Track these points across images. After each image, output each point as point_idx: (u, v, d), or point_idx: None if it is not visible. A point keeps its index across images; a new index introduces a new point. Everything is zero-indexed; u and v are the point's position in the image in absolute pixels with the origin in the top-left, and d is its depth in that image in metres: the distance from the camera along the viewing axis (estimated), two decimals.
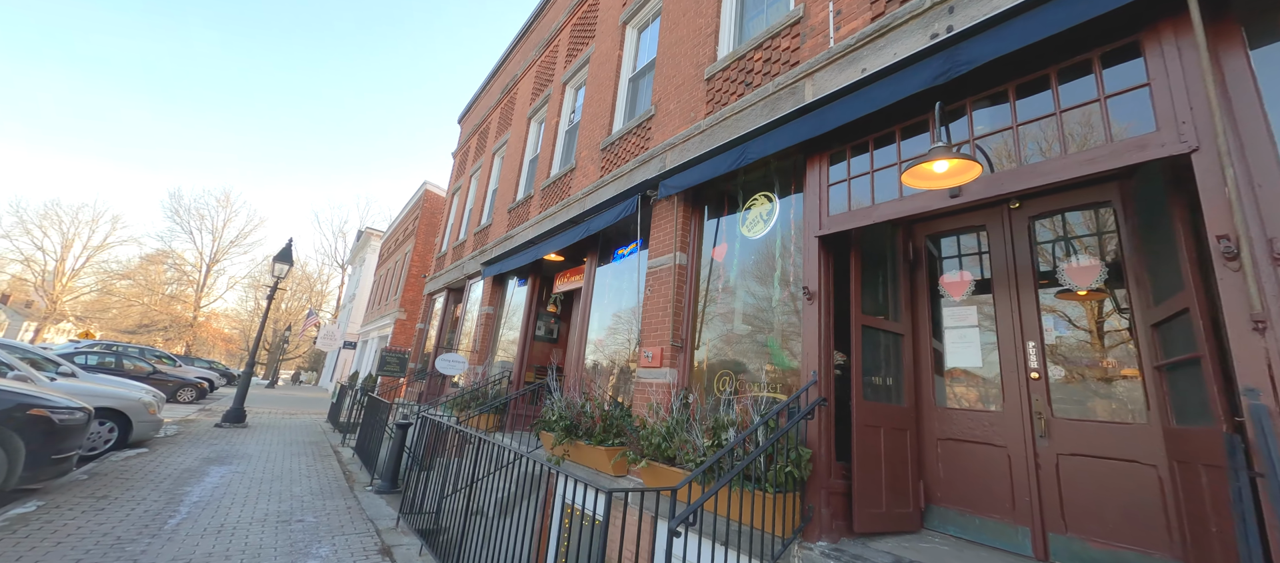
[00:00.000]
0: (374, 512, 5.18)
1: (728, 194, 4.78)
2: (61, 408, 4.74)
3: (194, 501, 4.91)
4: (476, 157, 13.48)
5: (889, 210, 3.12)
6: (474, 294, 10.80)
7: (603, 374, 6.02)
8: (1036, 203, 3.32)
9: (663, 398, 4.34)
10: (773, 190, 4.32)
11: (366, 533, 4.52)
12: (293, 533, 4.33)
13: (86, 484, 4.97)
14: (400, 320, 18.66)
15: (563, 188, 7.68)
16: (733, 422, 3.34)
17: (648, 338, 4.81)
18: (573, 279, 7.87)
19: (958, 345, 3.53)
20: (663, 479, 3.63)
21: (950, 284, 3.65)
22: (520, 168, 10.03)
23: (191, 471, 6.08)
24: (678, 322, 4.60)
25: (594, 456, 4.47)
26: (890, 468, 3.28)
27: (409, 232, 21.07)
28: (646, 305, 4.95)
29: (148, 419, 7.07)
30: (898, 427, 3.41)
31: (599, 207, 6.17)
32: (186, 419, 10.55)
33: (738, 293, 4.36)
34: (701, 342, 4.55)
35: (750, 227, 4.41)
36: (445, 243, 14.18)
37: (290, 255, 11.17)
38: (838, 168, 3.59)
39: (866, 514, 3.10)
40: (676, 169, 4.84)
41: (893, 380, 3.55)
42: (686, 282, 4.75)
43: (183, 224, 43.27)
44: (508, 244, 8.97)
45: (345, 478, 6.60)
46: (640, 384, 4.71)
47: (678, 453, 3.55)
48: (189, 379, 15.26)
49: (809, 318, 3.41)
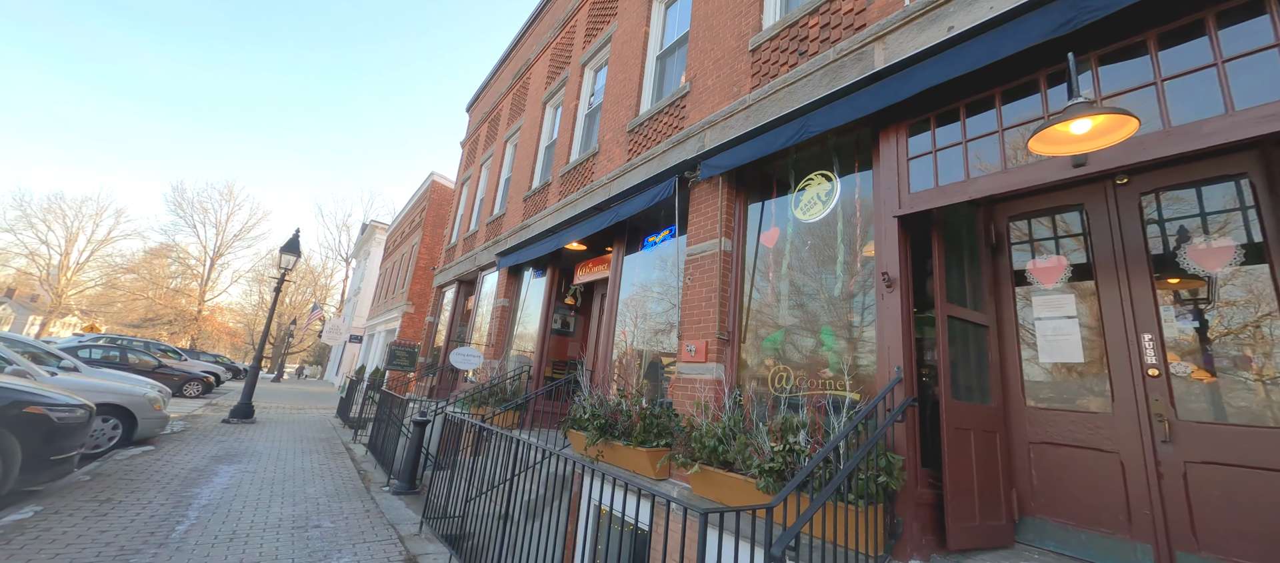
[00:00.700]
0: (394, 516, 4.86)
1: (777, 175, 4.40)
2: (61, 405, 4.42)
3: (203, 504, 4.60)
4: (487, 145, 13.10)
5: (990, 185, 2.74)
6: (487, 286, 10.46)
7: (632, 369, 5.67)
8: (1148, 177, 2.94)
9: (710, 395, 3.98)
10: (831, 169, 3.94)
11: (388, 540, 4.20)
12: (310, 541, 4.01)
13: (89, 486, 4.66)
14: (408, 314, 18.36)
15: (585, 173, 7.31)
16: (802, 423, 2.99)
17: (689, 330, 4.45)
18: (596, 269, 7.51)
19: (1052, 338, 3.16)
20: (718, 486, 3.29)
21: (1041, 270, 3.27)
22: (535, 154, 9.64)
23: (199, 470, 5.78)
24: (724, 313, 4.24)
25: (633, 457, 4.13)
26: (981, 476, 2.92)
27: (416, 223, 20.73)
28: (687, 295, 4.59)
29: (153, 416, 6.77)
30: (987, 429, 3.05)
31: (628, 192, 5.80)
32: (193, 415, 10.28)
33: (791, 281, 3.99)
34: (749, 334, 4.19)
35: (805, 209, 4.03)
36: (455, 234, 13.83)
37: (298, 247, 10.85)
38: (919, 139, 3.21)
39: (960, 529, 2.75)
40: (720, 148, 4.46)
41: (977, 378, 3.19)
42: (732, 269, 4.39)
43: (186, 217, 42.96)
44: (524, 234, 8.61)
45: (360, 478, 6.29)
46: (681, 380, 4.36)
47: (737, 457, 3.20)
48: (195, 374, 15.01)
49: (889, 307, 3.05)
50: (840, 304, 3.60)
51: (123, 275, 42.34)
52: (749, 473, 3.09)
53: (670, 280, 5.36)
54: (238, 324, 46.96)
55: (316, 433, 9.59)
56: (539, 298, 8.36)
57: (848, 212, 3.72)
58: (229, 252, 44.32)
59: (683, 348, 4.42)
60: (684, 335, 4.50)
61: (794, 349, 3.81)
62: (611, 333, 5.94)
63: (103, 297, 42.79)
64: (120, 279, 42.22)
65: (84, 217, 44.22)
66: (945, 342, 2.98)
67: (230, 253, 44.54)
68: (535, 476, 5.04)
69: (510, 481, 4.25)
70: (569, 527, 5.07)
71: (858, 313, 3.49)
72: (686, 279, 4.67)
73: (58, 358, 7.83)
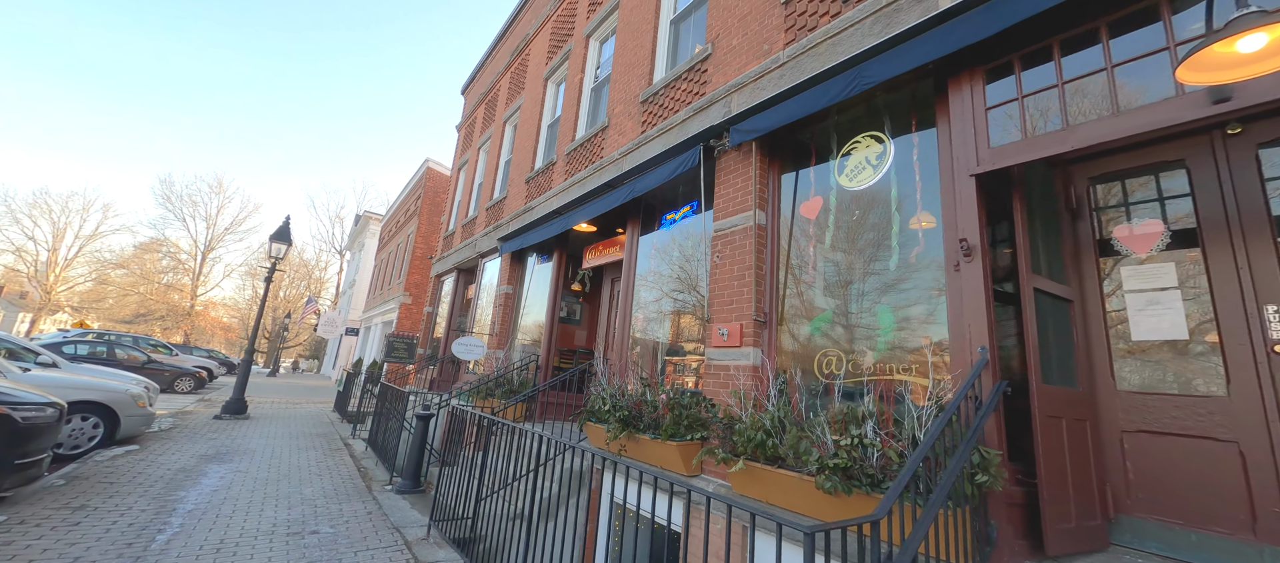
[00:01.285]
0: (399, 518, 4.48)
1: (816, 140, 3.98)
2: (25, 404, 4.00)
3: (188, 509, 4.20)
4: (485, 127, 12.57)
5: (1100, 132, 2.34)
6: (488, 274, 10.03)
7: (649, 356, 5.29)
8: (1268, 125, 2.54)
9: (748, 383, 3.60)
10: (881, 130, 3.52)
11: (394, 546, 3.82)
12: (307, 549, 3.63)
13: (62, 492, 4.25)
14: (405, 305, 17.91)
15: (593, 150, 6.85)
16: (869, 413, 2.60)
17: (720, 313, 4.05)
18: (606, 252, 7.09)
19: (1147, 313, 2.78)
20: (767, 484, 2.91)
21: (1132, 237, 2.88)
22: (537, 134, 9.16)
23: (187, 471, 5.37)
24: (760, 292, 3.85)
25: (661, 452, 3.75)
26: (1075, 470, 2.56)
27: (411, 212, 20.18)
28: (716, 275, 4.19)
29: (137, 413, 6.35)
30: (1077, 417, 2.68)
31: (644, 166, 5.36)
32: (183, 411, 9.85)
33: (836, 255, 3.59)
34: (788, 315, 3.80)
35: (851, 175, 3.62)
36: (453, 221, 13.34)
37: (288, 234, 10.35)
38: (1000, 86, 2.79)
39: (1058, 531, 2.39)
40: (752, 111, 4.03)
41: (1061, 359, 2.81)
42: (767, 245, 3.98)
43: (175, 211, 42.14)
44: (527, 217, 8.16)
45: (361, 476, 5.91)
46: (712, 367, 3.97)
47: (790, 452, 2.82)
48: (186, 369, 14.55)
49: (968, 279, 2.65)
50: (896, 279, 3.20)
51: (113, 271, 41.59)
52: (806, 470, 2.71)
53: (693, 260, 4.96)
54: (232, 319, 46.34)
55: (313, 428, 9.20)
56: (545, 284, 7.94)
57: (903, 176, 3.31)
58: (220, 245, 43.59)
59: (713, 332, 4.03)
60: (714, 318, 4.10)
61: (842, 330, 3.42)
62: (628, 319, 5.54)
63: (94, 293, 42.03)
64: (111, 275, 41.47)
65: (71, 212, 43.26)
66: (1033, 317, 2.60)
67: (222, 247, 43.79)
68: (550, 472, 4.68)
69: (529, 476, 3.88)
70: (589, 527, 4.72)
71: (918, 288, 3.09)
72: (715, 257, 4.26)
73: (35, 354, 7.37)
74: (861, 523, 1.51)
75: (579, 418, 4.83)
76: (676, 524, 3.91)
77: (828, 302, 3.57)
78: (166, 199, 42.03)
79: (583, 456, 4.15)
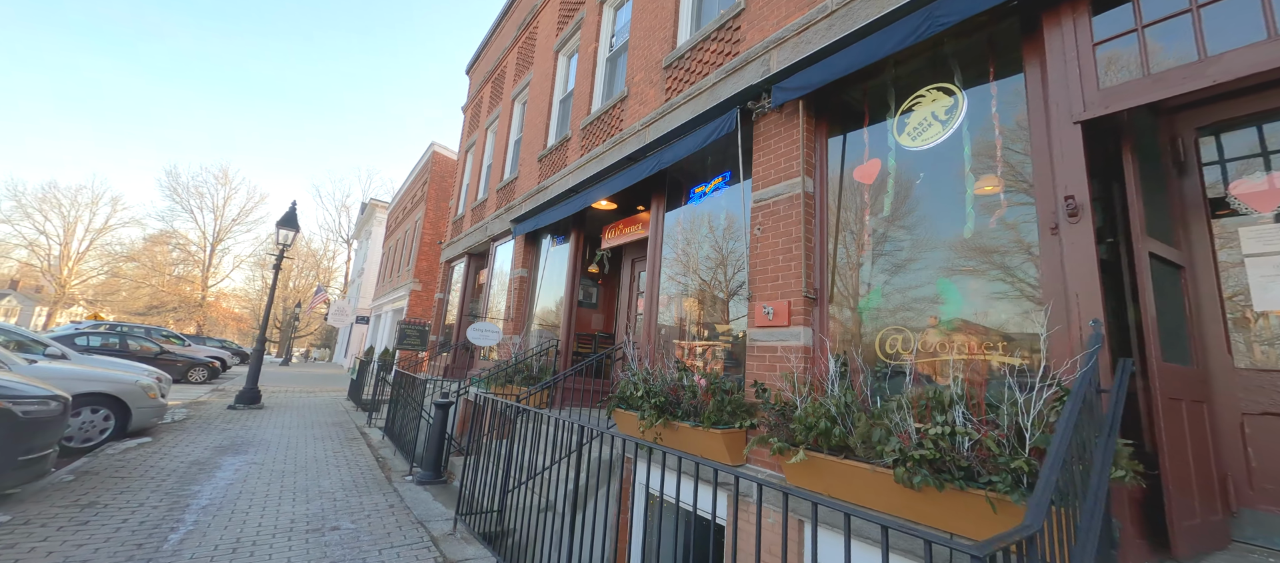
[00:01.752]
0: (422, 511, 4.26)
1: (869, 97, 3.59)
2: (27, 397, 3.78)
3: (202, 505, 4.00)
4: (492, 106, 12.16)
5: (1254, 60, 1.95)
6: (501, 257, 9.74)
7: (678, 339, 4.99)
8: None
9: (799, 365, 3.29)
10: (951, 80, 3.13)
11: (420, 543, 3.59)
12: (328, 547, 3.41)
13: (70, 488, 4.07)
14: (415, 292, 17.74)
15: (611, 123, 6.47)
16: (958, 397, 2.29)
17: (763, 290, 3.73)
18: (627, 231, 6.76)
19: (1275, 280, 2.42)
20: (831, 476, 2.62)
21: (1252, 194, 2.51)
22: (549, 110, 8.76)
23: (201, 463, 5.19)
24: (809, 266, 3.51)
25: (703, 441, 3.47)
26: (1196, 460, 2.24)
27: (418, 198, 19.89)
28: (758, 249, 3.86)
29: (148, 404, 6.18)
30: (1195, 399, 2.35)
31: (671, 135, 5.00)
32: (197, 401, 9.75)
33: (898, 224, 3.24)
34: (840, 292, 3.46)
35: (914, 134, 3.24)
36: (462, 205, 13.03)
37: (295, 220, 10.10)
38: (1111, 16, 2.40)
39: (1184, 529, 2.08)
40: (798, 66, 3.65)
41: (1175, 334, 2.47)
42: (815, 215, 3.63)
43: (182, 203, 42.09)
44: (541, 197, 7.83)
45: (380, 466, 5.72)
46: (756, 349, 3.67)
47: (861, 442, 2.52)
48: (199, 359, 14.50)
49: (1073, 243, 2.31)
50: (972, 248, 2.86)
51: (124, 264, 41.84)
52: (880, 462, 2.41)
53: (727, 235, 4.62)
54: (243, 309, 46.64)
55: (328, 417, 9.05)
56: (562, 266, 7.64)
57: (979, 131, 2.94)
58: (228, 237, 43.64)
59: (756, 310, 3.71)
60: (756, 296, 3.78)
61: (906, 307, 3.09)
62: (654, 300, 5.23)
63: (107, 286, 42.41)
64: (122, 268, 41.75)
65: (80, 205, 43.47)
66: (1149, 286, 2.26)
67: (230, 238, 43.83)
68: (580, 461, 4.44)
69: (558, 465, 3.62)
70: (622, 518, 4.49)
71: (998, 258, 2.75)
72: (755, 230, 3.92)
73: (43, 346, 7.21)
74: (1016, 539, 1.21)
75: (608, 405, 4.57)
76: (721, 517, 3.66)
77: (887, 276, 3.23)
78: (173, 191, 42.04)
79: (615, 444, 3.88)
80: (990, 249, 2.79)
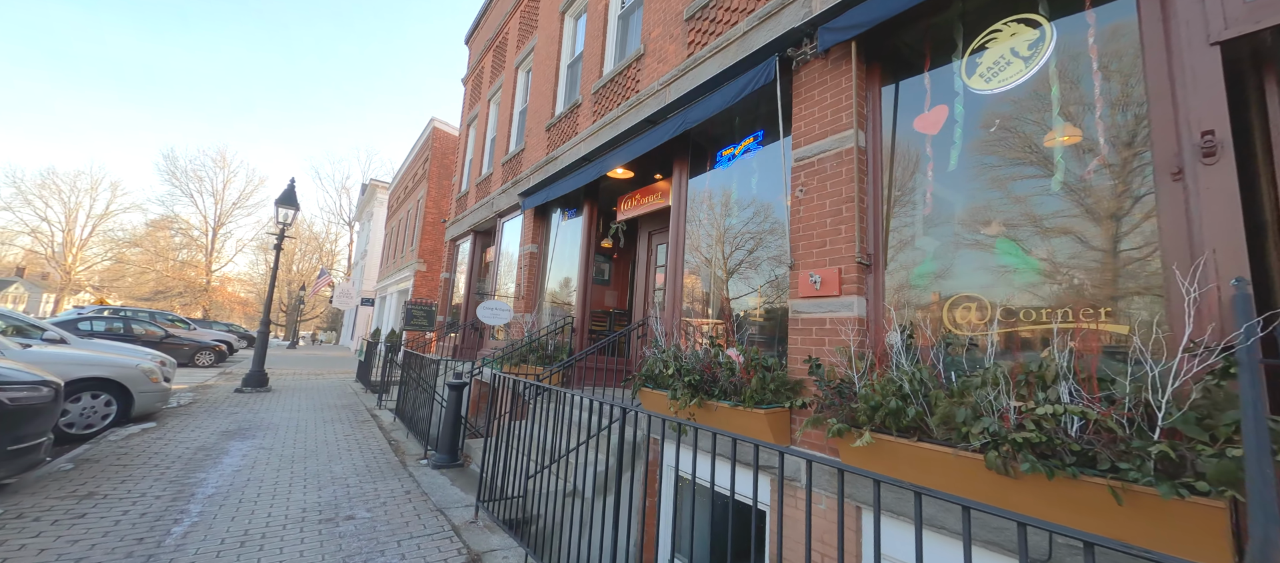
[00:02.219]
0: (441, 497, 4.03)
1: (930, 37, 3.18)
2: (15, 383, 3.52)
3: (208, 493, 3.78)
4: (494, 76, 11.63)
5: None
6: (509, 233, 9.40)
7: (704, 313, 4.68)
8: None
9: (855, 338, 2.97)
10: (1036, 9, 2.72)
11: (441, 533, 3.36)
12: (342, 539, 3.17)
13: (69, 477, 3.85)
14: (420, 272, 17.47)
15: (626, 84, 6.03)
16: (1065, 372, 1.97)
17: (808, 257, 3.39)
18: (645, 201, 6.39)
19: None
20: (903, 460, 2.33)
21: None
22: (556, 76, 8.29)
23: (207, 449, 4.98)
24: (863, 229, 3.16)
25: (745, 422, 3.19)
26: None
27: (419, 176, 19.44)
28: (801, 212, 3.50)
29: (151, 389, 5.96)
30: None
31: (696, 92, 4.59)
32: (204, 385, 9.59)
33: (969, 178, 2.88)
34: (898, 256, 3.12)
35: (989, 75, 2.85)
36: (465, 181, 12.62)
37: (294, 198, 9.75)
38: None
39: None
40: (850, 1, 3.23)
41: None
42: (868, 171, 3.26)
43: (182, 187, 41.75)
44: (550, 168, 7.43)
45: (393, 450, 5.50)
46: (800, 322, 3.35)
47: (941, 423, 2.22)
48: (205, 342, 14.37)
49: (1210, 189, 1.94)
50: (1062, 201, 2.50)
51: (127, 249, 41.76)
52: (966, 446, 2.11)
53: (761, 200, 4.26)
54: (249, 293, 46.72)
55: (337, 400, 8.88)
56: (575, 241, 7.30)
57: (1070, 66, 2.55)
58: (230, 221, 43.45)
59: (801, 280, 3.37)
60: (799, 264, 3.44)
61: (981, 272, 2.75)
62: (678, 272, 4.90)
63: (112, 271, 42.46)
64: (126, 253, 41.68)
65: (80, 191, 43.18)
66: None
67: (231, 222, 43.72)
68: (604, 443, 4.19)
69: (587, 446, 3.36)
70: (649, 502, 4.25)
71: (1096, 210, 2.39)
72: (797, 191, 3.56)
73: (41, 330, 6.99)
74: None
75: (632, 384, 4.29)
76: (762, 502, 3.40)
77: (954, 238, 2.88)
78: (172, 175, 41.60)
79: (642, 424, 3.61)
80: (1084, 202, 2.43)
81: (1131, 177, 2.29)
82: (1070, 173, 2.49)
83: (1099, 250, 2.36)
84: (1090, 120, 2.45)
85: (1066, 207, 2.48)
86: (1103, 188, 2.38)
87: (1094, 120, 2.44)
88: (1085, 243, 2.41)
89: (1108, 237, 2.34)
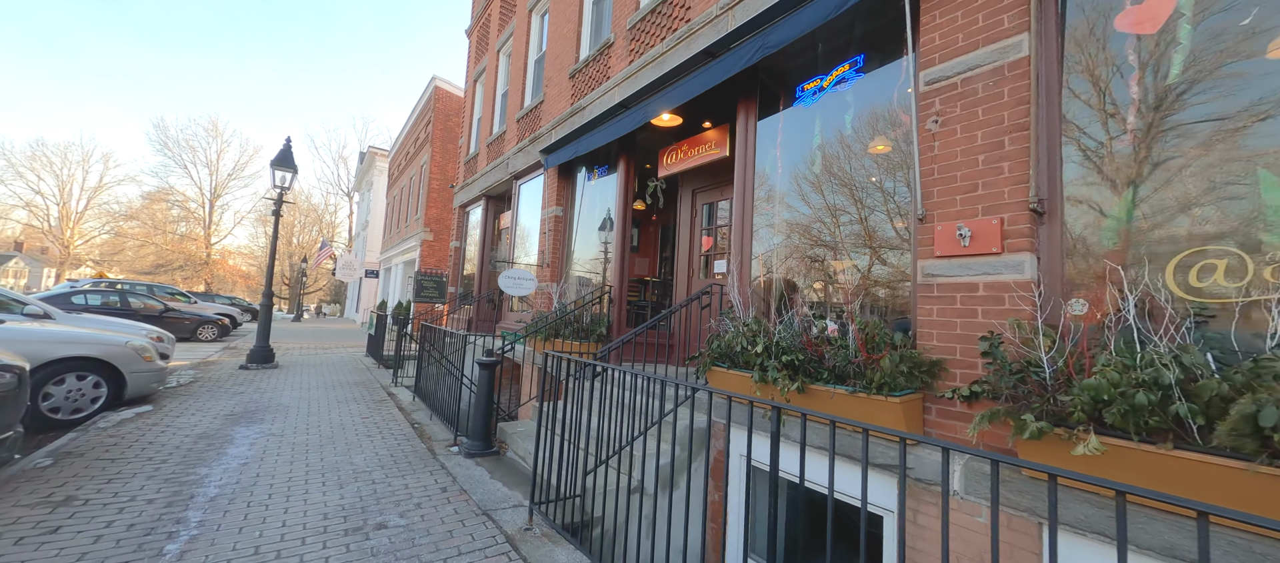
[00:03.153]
0: (482, 495, 3.46)
1: None
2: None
3: (211, 496, 3.19)
4: (503, 23, 10.60)
5: None
6: (527, 196, 8.63)
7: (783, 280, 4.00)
8: None
9: (1019, 309, 2.29)
10: None
11: (493, 544, 2.77)
12: (376, 557, 2.59)
13: (46, 476, 3.26)
14: (427, 242, 16.74)
15: (673, 13, 5.17)
16: None
17: (948, 206, 2.67)
18: (692, 153, 5.61)
19: None
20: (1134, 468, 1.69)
21: None
22: (579, 15, 7.34)
23: (209, 437, 4.40)
24: (1037, 167, 2.43)
25: (868, 410, 2.55)
26: None
27: (421, 141, 18.44)
28: (935, 150, 2.76)
29: (144, 368, 5.36)
30: None
31: (772, 11, 3.76)
32: (206, 361, 9.04)
33: (1201, 90, 2.13)
34: (1081, 201, 2.40)
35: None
36: (474, 142, 11.74)
37: (291, 159, 8.94)
38: None
39: None
40: None
41: None
42: (1039, 93, 2.50)
43: (175, 158, 40.51)
44: (576, 120, 6.60)
45: (418, 435, 4.93)
46: (937, 287, 2.66)
47: (1233, 429, 1.56)
48: (207, 317, 13.81)
49: None
50: None
51: (125, 222, 40.93)
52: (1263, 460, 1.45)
53: (861, 139, 3.50)
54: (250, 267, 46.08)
55: (349, 376, 8.32)
56: (607, 202, 6.55)
57: None
58: (227, 192, 42.43)
59: (939, 234, 2.67)
60: (932, 214, 2.73)
61: (1217, 218, 2.03)
62: (745, 233, 4.19)
63: (112, 245, 41.81)
64: (123, 227, 40.89)
65: (72, 163, 42.07)
66: None
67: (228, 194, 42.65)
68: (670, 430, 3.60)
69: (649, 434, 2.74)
70: (715, 497, 3.68)
71: None
72: (929, 123, 2.81)
73: (22, 304, 6.35)
74: None
75: (700, 362, 3.65)
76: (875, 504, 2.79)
77: (1175, 173, 2.15)
78: (164, 145, 40.29)
79: (716, 408, 3.02)
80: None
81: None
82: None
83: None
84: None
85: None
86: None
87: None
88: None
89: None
